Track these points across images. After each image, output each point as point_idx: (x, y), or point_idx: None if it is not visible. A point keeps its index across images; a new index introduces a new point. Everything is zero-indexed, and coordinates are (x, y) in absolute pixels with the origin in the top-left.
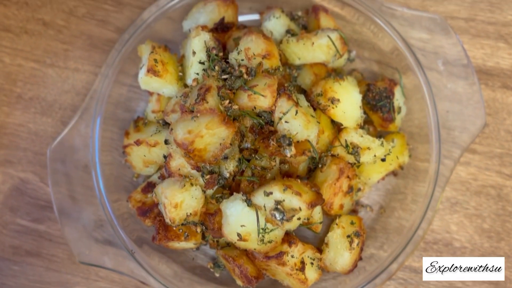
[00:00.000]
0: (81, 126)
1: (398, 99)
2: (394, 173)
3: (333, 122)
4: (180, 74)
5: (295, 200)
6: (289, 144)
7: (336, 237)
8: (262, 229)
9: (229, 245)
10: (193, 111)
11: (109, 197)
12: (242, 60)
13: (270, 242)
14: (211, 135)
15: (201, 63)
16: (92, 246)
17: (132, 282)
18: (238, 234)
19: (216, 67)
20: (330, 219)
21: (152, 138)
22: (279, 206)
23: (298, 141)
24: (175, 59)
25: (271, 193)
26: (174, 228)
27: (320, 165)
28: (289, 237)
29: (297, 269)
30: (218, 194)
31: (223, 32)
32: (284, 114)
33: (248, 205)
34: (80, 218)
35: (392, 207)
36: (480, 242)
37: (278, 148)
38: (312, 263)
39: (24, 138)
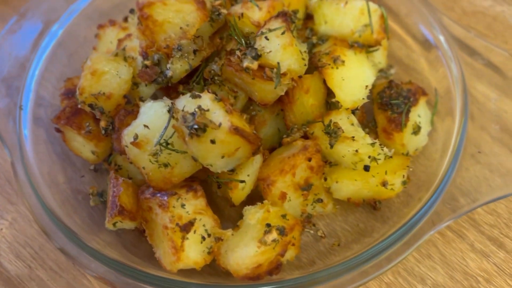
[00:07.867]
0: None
1: (421, 116)
2: (374, 207)
3: (328, 103)
4: None
5: (221, 113)
6: (254, 58)
7: (252, 217)
8: (165, 140)
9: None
10: None
11: None
12: None
13: (165, 166)
14: (176, 10)
15: None
16: None
17: None
18: (135, 135)
19: None
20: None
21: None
22: (196, 110)
23: (265, 69)
24: None
25: (199, 96)
26: (79, 106)
27: (285, 135)
28: (193, 183)
29: (177, 225)
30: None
31: None
32: (269, 31)
33: (168, 110)
34: None
35: (350, 247)
36: None
37: (239, 60)
38: (204, 238)
39: None
